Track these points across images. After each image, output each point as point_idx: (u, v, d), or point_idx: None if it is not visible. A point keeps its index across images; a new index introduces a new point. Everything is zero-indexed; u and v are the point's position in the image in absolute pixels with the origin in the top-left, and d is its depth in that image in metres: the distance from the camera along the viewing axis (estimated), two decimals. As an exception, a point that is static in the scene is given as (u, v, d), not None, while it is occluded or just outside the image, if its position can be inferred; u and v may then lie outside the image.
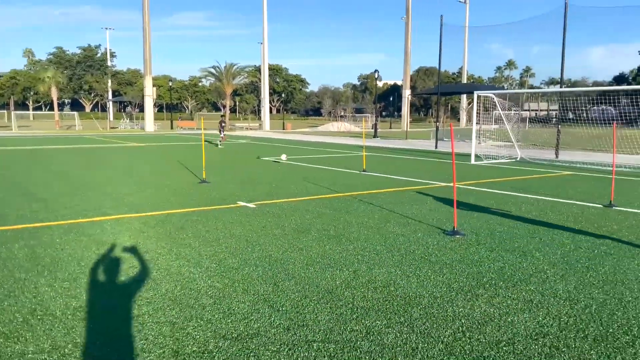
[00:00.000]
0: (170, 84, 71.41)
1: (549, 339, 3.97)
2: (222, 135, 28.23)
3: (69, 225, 7.72)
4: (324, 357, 3.65)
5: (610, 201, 10.02)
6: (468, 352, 3.74)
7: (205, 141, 30.10)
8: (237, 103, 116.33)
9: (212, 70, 57.20)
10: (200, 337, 3.94)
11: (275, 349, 3.76)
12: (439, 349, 3.78)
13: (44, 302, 4.62)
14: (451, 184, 12.40)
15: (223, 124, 29.13)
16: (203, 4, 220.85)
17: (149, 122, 51.20)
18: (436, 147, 27.52)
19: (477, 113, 21.47)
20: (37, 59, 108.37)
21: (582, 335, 4.06)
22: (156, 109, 74.52)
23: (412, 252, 6.41)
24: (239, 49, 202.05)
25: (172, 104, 73.52)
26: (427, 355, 3.68)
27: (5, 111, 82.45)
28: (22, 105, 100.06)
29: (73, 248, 6.45)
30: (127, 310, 4.46)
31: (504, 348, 3.81)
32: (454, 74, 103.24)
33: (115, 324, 4.17)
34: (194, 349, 3.75)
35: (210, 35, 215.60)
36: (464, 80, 75.31)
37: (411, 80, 68.98)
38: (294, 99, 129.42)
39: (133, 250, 6.40)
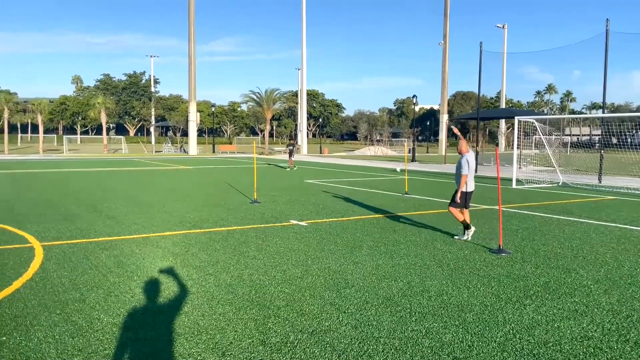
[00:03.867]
0: (213, 109, 73.97)
1: (592, 342, 4.39)
2: (290, 158, 30.64)
3: (143, 239, 8.52)
4: (391, 349, 4.18)
5: (654, 224, 10.19)
6: (519, 349, 4.21)
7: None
8: (275, 127, 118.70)
9: (254, 96, 58.91)
10: (280, 331, 4.54)
11: (347, 342, 4.32)
12: (493, 347, 4.26)
13: (141, 301, 5.33)
14: (493, 207, 12.75)
15: (292, 148, 31.57)
16: (236, 29, 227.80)
17: (193, 146, 53.11)
18: (476, 171, 27.69)
19: (517, 138, 21.71)
20: (85, 86, 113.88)
21: (624, 339, 4.46)
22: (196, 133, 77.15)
23: (460, 267, 6.88)
24: (273, 73, 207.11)
25: (213, 128, 76.25)
26: (483, 352, 4.16)
27: (55, 135, 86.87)
28: (70, 129, 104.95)
29: (152, 257, 7.21)
30: (211, 309, 5.11)
31: (552, 347, 4.26)
32: (491, 98, 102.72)
33: (201, 321, 4.81)
34: (277, 339, 4.35)
35: (243, 61, 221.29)
36: (503, 105, 74.98)
37: (448, 104, 69.19)
38: (330, 124, 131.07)
39: (205, 260, 7.10)
